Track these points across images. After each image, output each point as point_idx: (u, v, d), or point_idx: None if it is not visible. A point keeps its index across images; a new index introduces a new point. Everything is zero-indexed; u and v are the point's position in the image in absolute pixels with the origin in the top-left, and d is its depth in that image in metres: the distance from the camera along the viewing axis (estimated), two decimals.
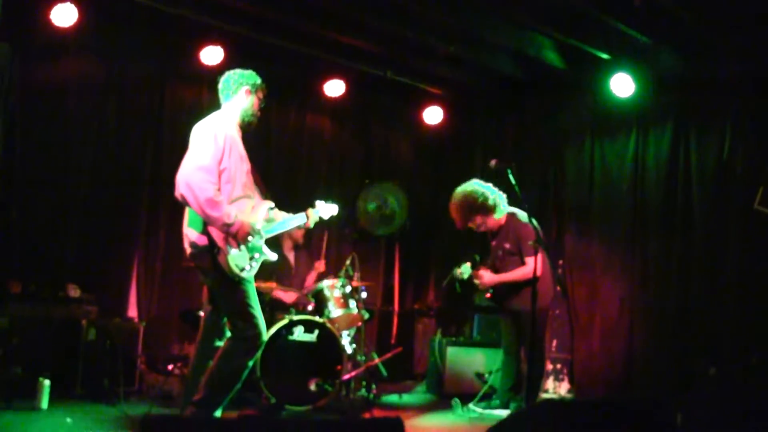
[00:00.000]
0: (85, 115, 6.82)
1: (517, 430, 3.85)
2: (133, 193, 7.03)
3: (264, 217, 4.71)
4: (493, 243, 6.27)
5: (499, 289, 6.15)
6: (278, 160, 8.05)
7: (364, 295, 7.08)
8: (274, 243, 6.59)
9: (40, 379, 5.27)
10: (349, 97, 8.12)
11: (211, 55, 7.03)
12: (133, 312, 6.90)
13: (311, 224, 5.08)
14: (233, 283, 4.44)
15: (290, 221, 4.98)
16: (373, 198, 8.08)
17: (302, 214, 5.03)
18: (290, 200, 5.64)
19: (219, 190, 4.39)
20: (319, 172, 8.36)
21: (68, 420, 4.97)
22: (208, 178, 4.34)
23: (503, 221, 6.11)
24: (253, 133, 7.61)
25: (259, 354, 5.47)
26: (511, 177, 5.38)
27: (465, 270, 6.21)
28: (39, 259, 6.41)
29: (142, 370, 6.42)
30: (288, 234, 6.88)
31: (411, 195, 8.41)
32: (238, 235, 4.40)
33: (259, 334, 4.48)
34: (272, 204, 4.85)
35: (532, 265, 5.49)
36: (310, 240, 7.66)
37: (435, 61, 7.69)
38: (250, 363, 4.50)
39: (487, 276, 6.11)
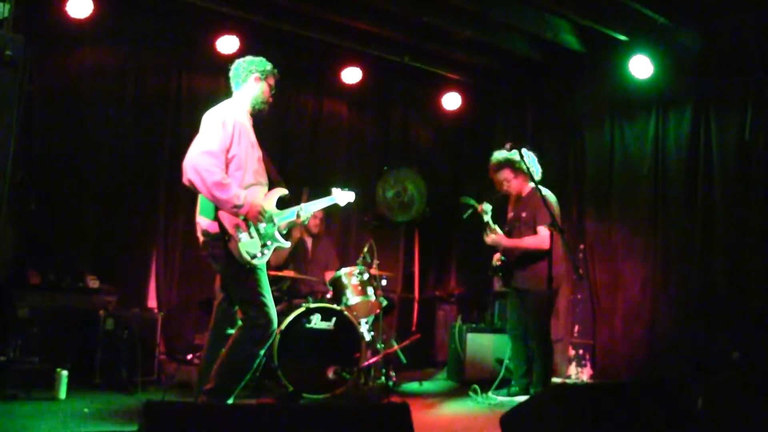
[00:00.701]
0: (102, 105, 6.86)
1: (532, 415, 3.81)
2: (151, 183, 7.05)
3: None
4: (511, 214, 6.23)
5: (508, 263, 6.09)
6: (296, 147, 8.05)
7: (384, 282, 7.05)
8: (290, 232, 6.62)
9: (58, 369, 5.32)
10: (367, 84, 8.09)
11: (228, 44, 7.04)
12: (153, 302, 6.95)
13: (303, 219, 4.89)
14: (244, 270, 4.43)
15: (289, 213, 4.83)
16: (392, 185, 8.03)
17: (292, 209, 4.84)
18: (309, 188, 5.60)
19: (226, 175, 4.38)
20: (338, 160, 8.34)
21: (85, 410, 5.02)
22: (214, 162, 4.33)
23: (526, 192, 6.08)
24: (270, 121, 7.69)
25: (275, 342, 5.57)
26: (525, 159, 5.30)
27: (486, 209, 6.09)
28: (58, 250, 6.47)
29: (162, 359, 6.46)
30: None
31: (430, 181, 8.36)
32: (249, 216, 4.38)
33: (270, 323, 4.46)
34: (286, 191, 4.81)
35: (544, 235, 5.41)
36: (328, 228, 7.65)
37: (452, 45, 7.63)
38: (262, 352, 4.48)
39: (501, 238, 6.04)
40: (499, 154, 6.12)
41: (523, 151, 5.86)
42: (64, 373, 5.32)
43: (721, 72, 6.48)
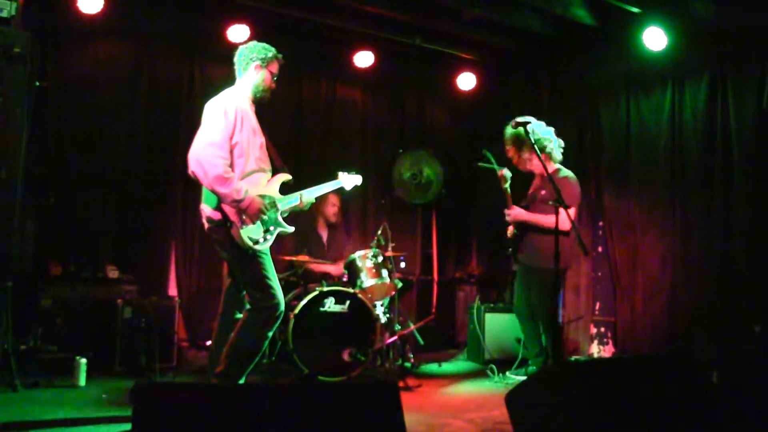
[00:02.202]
0: (116, 98, 6.97)
1: (536, 392, 3.82)
2: (167, 172, 7.10)
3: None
4: (531, 191, 6.16)
5: (520, 236, 6.02)
6: (311, 133, 8.08)
7: (402, 264, 7.06)
8: (307, 220, 6.67)
9: (77, 357, 5.47)
10: (380, 67, 8.09)
11: (239, 32, 7.07)
12: (173, 290, 7.05)
13: (305, 206, 4.93)
14: (248, 255, 4.50)
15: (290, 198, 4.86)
16: (408, 167, 8.02)
17: (295, 194, 4.87)
18: (324, 173, 5.62)
19: (231, 165, 4.43)
20: (353, 144, 8.35)
21: (103, 396, 5.14)
22: (219, 153, 4.38)
23: (551, 170, 5.89)
24: (284, 108, 7.73)
25: (290, 326, 5.64)
26: (530, 136, 5.27)
27: (507, 176, 6.03)
28: (78, 241, 6.59)
29: (183, 346, 6.57)
30: (319, 211, 6.91)
31: (447, 162, 8.34)
32: (248, 211, 4.44)
33: (277, 305, 4.52)
34: (289, 176, 4.86)
35: (563, 218, 5.34)
36: (347, 216, 7.68)
37: (464, 25, 7.57)
38: (270, 333, 4.56)
39: (518, 211, 5.98)
40: (511, 130, 6.01)
41: (533, 126, 5.79)
42: (83, 360, 5.47)
43: (737, 39, 6.32)
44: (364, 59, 7.90)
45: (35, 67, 5.40)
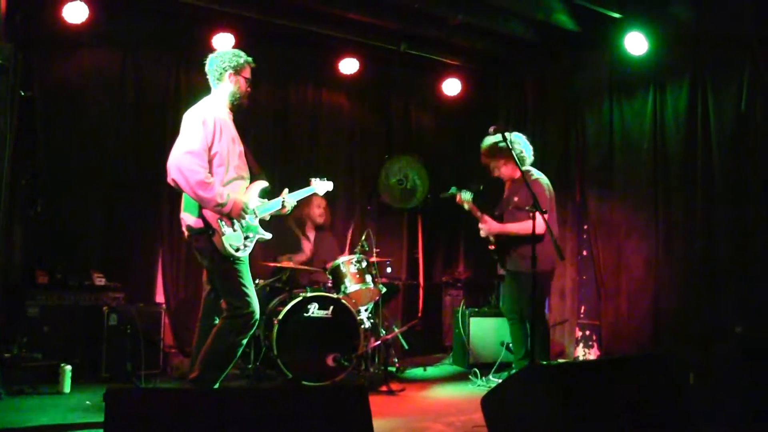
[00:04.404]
0: (103, 106, 7.00)
1: (511, 395, 3.86)
2: (154, 180, 7.07)
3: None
4: (505, 196, 6.22)
5: (501, 244, 6.08)
6: (297, 139, 8.12)
7: (388, 270, 7.10)
8: (293, 225, 6.73)
9: (62, 364, 5.51)
10: (366, 73, 8.13)
11: (223, 41, 7.11)
12: (160, 297, 7.08)
13: (288, 209, 5.04)
14: (228, 262, 4.55)
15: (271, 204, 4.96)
16: (394, 173, 8.07)
17: (278, 199, 5.00)
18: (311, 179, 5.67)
19: (210, 173, 4.48)
20: (339, 151, 8.40)
21: (87, 403, 5.19)
22: (197, 161, 4.44)
23: (517, 175, 5.98)
24: (270, 115, 7.78)
25: (274, 332, 5.70)
26: (508, 142, 5.31)
27: (465, 197, 6.16)
28: (65, 250, 6.61)
29: (170, 352, 6.62)
30: (306, 214, 6.99)
31: (433, 167, 8.37)
32: (232, 213, 4.51)
33: (252, 313, 4.58)
34: (266, 183, 4.93)
35: (536, 220, 5.37)
36: (334, 221, 7.72)
37: (448, 31, 7.61)
38: (244, 341, 4.61)
39: (491, 224, 6.07)
40: (488, 141, 6.10)
41: (513, 135, 5.90)
42: (68, 368, 5.53)
43: (716, 43, 6.38)
44: (348, 66, 7.93)
45: (18, 79, 5.44)
